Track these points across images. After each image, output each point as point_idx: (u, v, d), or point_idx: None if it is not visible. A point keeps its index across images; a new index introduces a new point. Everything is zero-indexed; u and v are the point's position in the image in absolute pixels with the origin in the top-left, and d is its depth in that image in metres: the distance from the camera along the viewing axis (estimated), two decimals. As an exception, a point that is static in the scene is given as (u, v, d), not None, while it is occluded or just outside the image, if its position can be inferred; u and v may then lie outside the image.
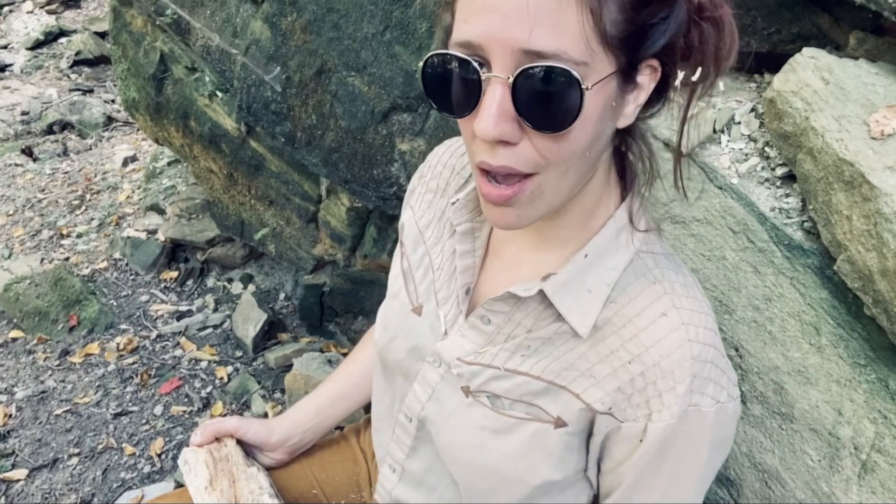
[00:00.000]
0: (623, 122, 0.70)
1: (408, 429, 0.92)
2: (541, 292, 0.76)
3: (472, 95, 0.63)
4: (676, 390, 0.72)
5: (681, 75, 0.69)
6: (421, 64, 0.67)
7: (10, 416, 2.44)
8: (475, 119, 0.63)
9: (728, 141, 1.25)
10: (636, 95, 0.68)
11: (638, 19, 0.62)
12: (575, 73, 0.59)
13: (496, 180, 0.66)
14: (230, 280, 3.15)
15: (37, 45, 6.05)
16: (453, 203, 0.85)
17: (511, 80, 0.60)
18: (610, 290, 0.75)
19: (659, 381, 0.72)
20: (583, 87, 0.60)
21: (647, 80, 0.67)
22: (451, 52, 0.64)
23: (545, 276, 0.76)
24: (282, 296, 3.01)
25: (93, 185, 4.01)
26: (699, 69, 0.69)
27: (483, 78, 0.61)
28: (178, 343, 2.77)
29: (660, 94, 0.71)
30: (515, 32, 0.59)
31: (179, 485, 2.15)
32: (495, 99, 0.61)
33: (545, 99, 0.59)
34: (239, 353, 2.74)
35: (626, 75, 0.65)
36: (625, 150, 0.79)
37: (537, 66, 0.59)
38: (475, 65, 0.61)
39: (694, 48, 0.68)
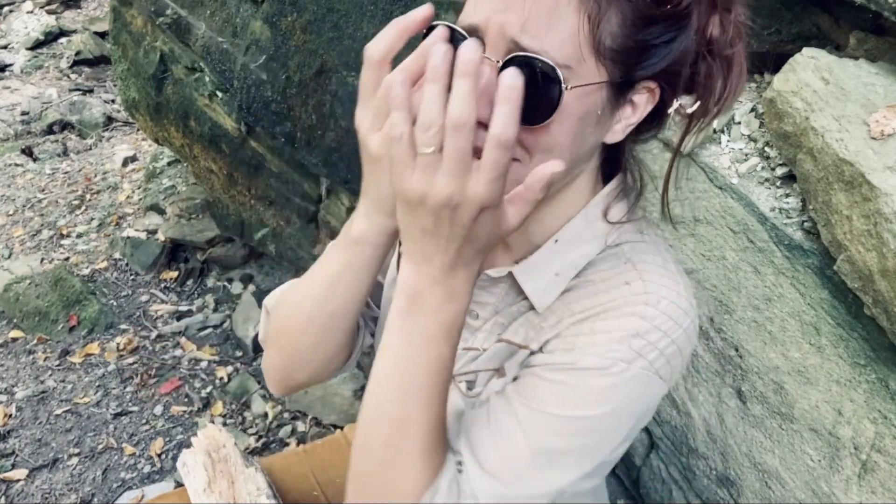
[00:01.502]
0: (611, 138, 0.68)
1: None
2: (510, 274, 0.76)
3: None
4: (612, 335, 0.68)
5: (677, 104, 0.69)
6: (424, 34, 0.66)
7: (10, 416, 2.44)
8: None
9: (728, 141, 1.25)
10: (629, 113, 0.67)
11: (638, 37, 0.62)
12: (557, 71, 0.59)
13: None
14: (230, 280, 3.15)
15: (37, 45, 6.05)
16: None
17: (500, 63, 0.60)
18: (576, 272, 0.74)
19: (598, 324, 0.69)
20: (563, 85, 0.60)
21: (643, 100, 0.67)
22: (452, 25, 0.64)
23: (517, 260, 0.76)
24: (282, 296, 3.01)
25: (93, 185, 4.01)
26: (699, 102, 0.68)
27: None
28: (178, 343, 2.78)
29: (655, 119, 0.71)
30: (510, 18, 0.60)
31: (179, 484, 2.15)
32: (482, 79, 0.59)
33: (526, 89, 0.57)
34: (239, 353, 2.74)
35: (619, 89, 0.64)
36: (614, 171, 0.77)
37: (522, 56, 0.59)
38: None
39: (698, 81, 0.67)
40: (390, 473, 0.67)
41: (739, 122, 1.27)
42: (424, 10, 0.64)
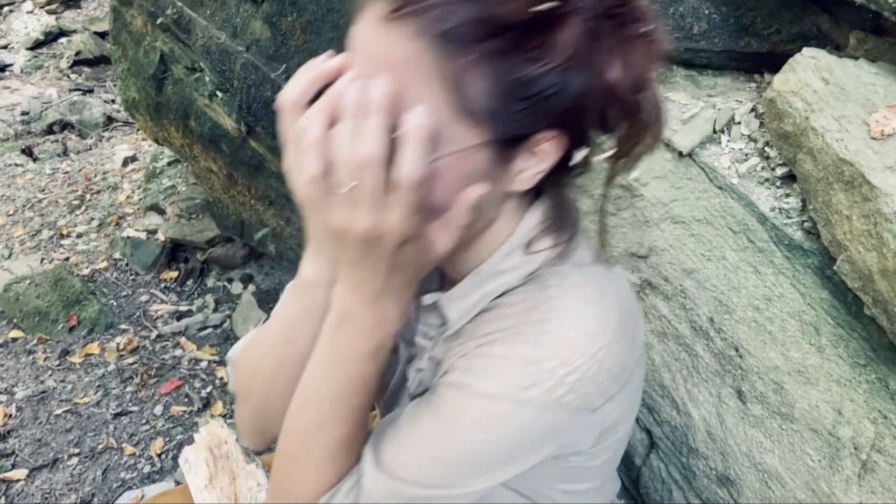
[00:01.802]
0: (520, 186, 0.66)
1: None
2: (436, 302, 0.76)
3: None
4: (507, 361, 0.66)
5: (579, 155, 0.66)
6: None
7: (10, 416, 2.44)
8: None
9: (728, 141, 1.25)
10: (534, 162, 0.64)
11: (516, 93, 0.59)
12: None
13: None
14: (230, 280, 3.15)
15: (37, 45, 6.06)
16: None
17: None
18: (491, 298, 0.72)
19: (496, 348, 0.67)
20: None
21: (549, 148, 0.63)
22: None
23: (446, 290, 0.76)
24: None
25: (93, 185, 4.01)
26: (616, 146, 0.66)
27: None
28: (178, 343, 2.78)
29: (576, 160, 0.68)
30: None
31: (179, 484, 2.15)
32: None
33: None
34: (239, 353, 2.73)
35: (507, 145, 0.62)
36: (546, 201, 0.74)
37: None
38: None
39: (611, 124, 0.64)
40: (299, 471, 0.70)
41: (739, 122, 1.27)
42: (338, 61, 0.63)
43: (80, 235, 3.55)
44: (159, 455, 2.29)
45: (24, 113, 4.96)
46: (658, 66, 0.64)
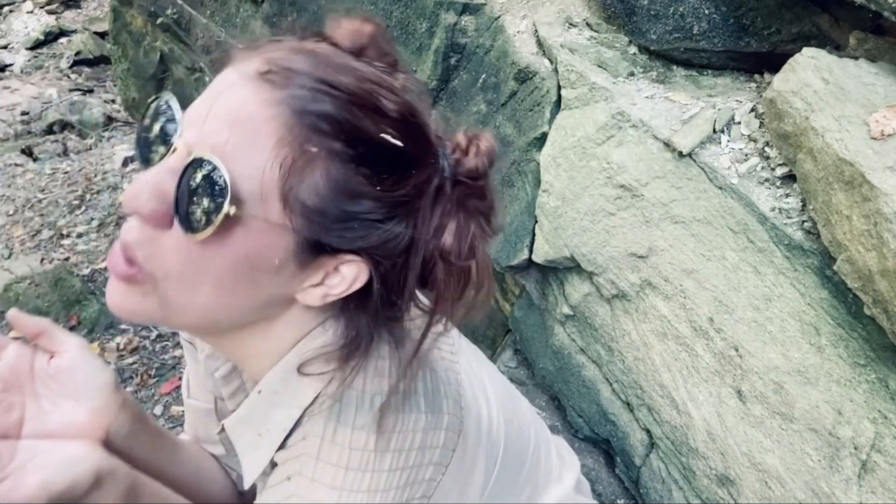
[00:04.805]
0: (306, 299, 0.63)
1: None
2: (224, 430, 0.71)
3: (160, 154, 0.59)
4: None
5: (387, 291, 0.63)
6: (149, 100, 0.64)
7: (10, 416, 2.44)
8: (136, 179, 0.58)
9: (728, 141, 1.25)
10: (335, 282, 0.62)
11: (340, 204, 0.57)
12: (225, 177, 0.54)
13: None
14: (230, 280, 3.14)
15: (37, 45, 6.05)
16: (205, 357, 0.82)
17: (188, 160, 0.56)
18: (284, 436, 0.66)
19: None
20: (228, 203, 0.54)
21: (352, 272, 0.61)
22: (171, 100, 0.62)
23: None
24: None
25: (93, 185, 4.01)
26: (435, 302, 0.63)
27: (173, 145, 0.58)
28: (178, 343, 2.77)
29: (381, 298, 0.65)
30: (203, 134, 0.57)
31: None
32: (161, 167, 0.57)
33: (200, 193, 0.56)
34: (239, 353, 2.73)
35: (310, 248, 0.59)
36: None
37: (197, 158, 0.56)
38: (178, 125, 0.59)
39: (433, 280, 0.63)
40: None
41: (739, 122, 1.27)
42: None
43: (80, 235, 3.55)
44: (159, 455, 2.28)
45: (24, 113, 4.96)
46: (487, 245, 0.64)
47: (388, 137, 0.58)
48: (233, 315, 0.63)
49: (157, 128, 0.61)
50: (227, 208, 0.55)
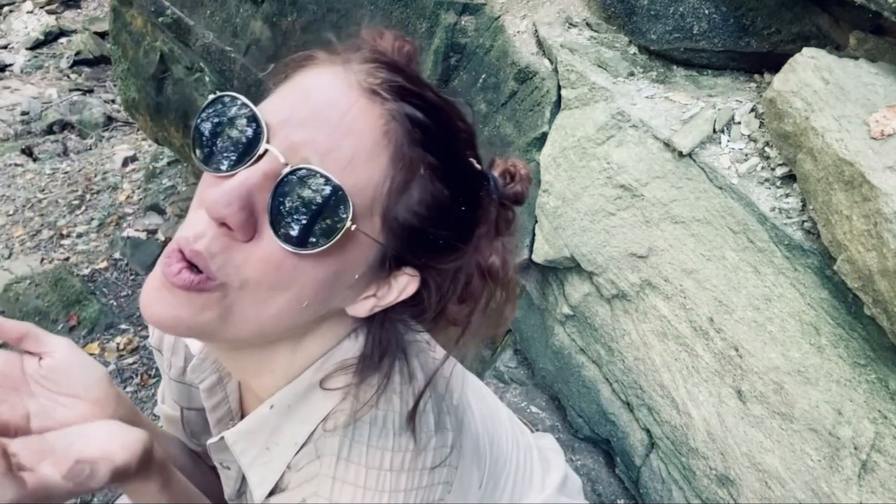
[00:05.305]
0: (355, 310, 0.63)
1: None
2: (223, 439, 0.70)
3: (236, 157, 0.55)
4: None
5: (432, 306, 0.64)
6: (211, 97, 0.59)
7: (10, 416, 2.44)
8: (218, 186, 0.54)
9: (728, 141, 1.25)
10: (382, 292, 0.62)
11: (427, 223, 0.58)
12: (349, 200, 0.53)
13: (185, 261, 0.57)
14: (230, 280, 3.14)
15: (37, 45, 6.06)
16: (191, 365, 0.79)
17: (288, 168, 0.53)
18: (296, 450, 0.65)
19: None
20: (349, 221, 0.53)
21: (402, 283, 0.62)
22: (248, 101, 0.57)
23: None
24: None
25: (93, 185, 4.01)
26: (468, 316, 0.64)
27: (262, 148, 0.54)
28: (178, 343, 2.78)
29: (418, 312, 0.66)
30: (314, 138, 0.54)
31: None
32: (249, 180, 0.54)
33: (306, 211, 0.53)
34: (239, 353, 2.74)
35: (386, 263, 0.60)
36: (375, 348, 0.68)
37: (315, 171, 0.53)
38: (265, 128, 0.55)
39: (469, 294, 0.64)
40: None
41: (739, 122, 1.27)
42: None
43: (80, 235, 3.55)
44: (159, 455, 2.28)
45: (24, 113, 4.96)
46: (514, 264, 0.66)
47: (472, 160, 0.60)
48: (287, 328, 0.62)
49: (229, 129, 0.57)
50: (349, 224, 0.53)
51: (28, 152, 4.39)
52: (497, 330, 0.67)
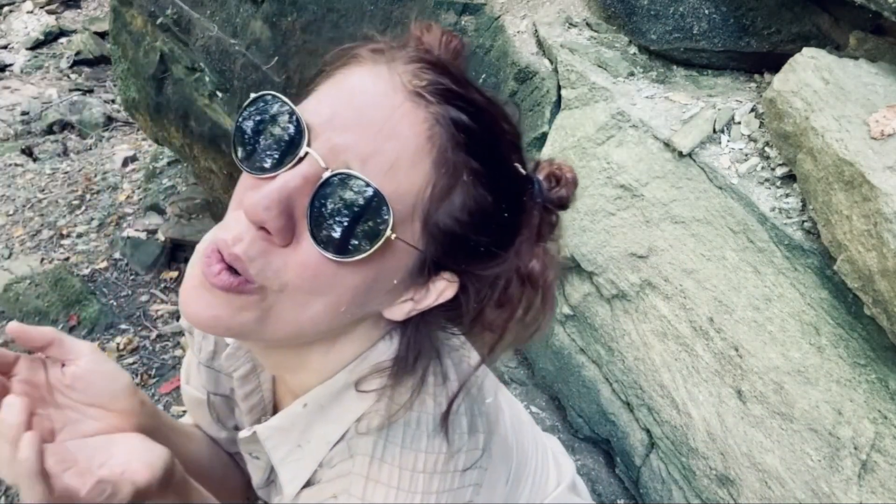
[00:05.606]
0: (392, 314, 0.63)
1: None
2: (255, 433, 0.70)
3: (277, 159, 0.55)
4: None
5: (470, 312, 0.63)
6: (253, 95, 0.58)
7: (10, 416, 2.44)
8: (257, 188, 0.54)
9: (728, 141, 1.25)
10: (420, 295, 0.61)
11: (469, 229, 0.57)
12: (389, 208, 0.52)
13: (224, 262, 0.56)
14: (230, 280, 3.14)
15: (37, 45, 6.06)
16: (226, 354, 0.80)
17: (328, 171, 0.52)
18: (328, 449, 0.65)
19: None
20: (390, 229, 0.53)
21: (439, 288, 0.61)
22: (290, 102, 0.56)
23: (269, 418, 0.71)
24: (282, 296, 3.01)
25: (93, 185, 4.01)
26: (506, 321, 0.63)
27: (302, 151, 0.53)
28: (178, 343, 2.77)
29: (454, 319, 0.65)
30: (356, 143, 0.53)
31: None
32: (289, 184, 0.53)
33: (347, 212, 0.52)
34: (239, 353, 2.73)
35: (425, 269, 0.59)
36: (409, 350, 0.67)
37: (357, 176, 0.52)
38: (306, 130, 0.53)
39: (507, 299, 0.62)
40: None
41: (739, 122, 1.27)
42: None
43: (80, 235, 3.55)
44: (159, 455, 2.28)
45: (24, 113, 4.96)
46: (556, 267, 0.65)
47: (517, 164, 0.59)
48: (323, 330, 0.61)
49: (270, 129, 0.56)
50: (389, 233, 0.53)
51: (28, 152, 4.40)
52: (533, 337, 0.65)
